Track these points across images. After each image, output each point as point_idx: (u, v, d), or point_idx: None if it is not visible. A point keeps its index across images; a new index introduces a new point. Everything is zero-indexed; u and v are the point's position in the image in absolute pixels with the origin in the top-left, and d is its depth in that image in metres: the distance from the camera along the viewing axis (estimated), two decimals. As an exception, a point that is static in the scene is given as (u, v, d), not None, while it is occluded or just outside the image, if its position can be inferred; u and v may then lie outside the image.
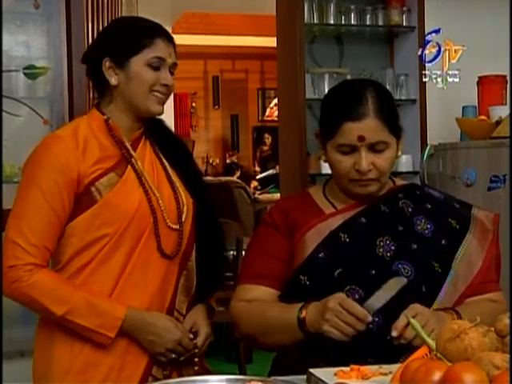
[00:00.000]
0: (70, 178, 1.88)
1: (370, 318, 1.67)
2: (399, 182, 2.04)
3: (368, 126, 1.80)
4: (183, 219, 1.97)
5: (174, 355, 1.92)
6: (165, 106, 2.01)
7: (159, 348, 1.90)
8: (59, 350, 1.91)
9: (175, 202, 1.97)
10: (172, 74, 1.97)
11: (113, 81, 1.93)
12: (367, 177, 1.84)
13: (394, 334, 1.65)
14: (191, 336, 1.95)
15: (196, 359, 1.96)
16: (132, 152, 1.96)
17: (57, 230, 1.88)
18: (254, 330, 1.87)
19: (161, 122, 2.08)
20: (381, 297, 1.72)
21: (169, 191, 1.98)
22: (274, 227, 1.94)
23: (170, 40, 1.97)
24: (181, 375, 1.94)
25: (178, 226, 1.96)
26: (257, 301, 1.89)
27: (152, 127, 2.03)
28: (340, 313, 1.67)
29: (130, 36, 1.94)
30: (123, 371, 1.91)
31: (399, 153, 1.92)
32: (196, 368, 1.96)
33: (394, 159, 1.89)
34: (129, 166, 1.94)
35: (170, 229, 1.95)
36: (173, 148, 2.06)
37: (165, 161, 2.03)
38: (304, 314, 1.75)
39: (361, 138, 1.80)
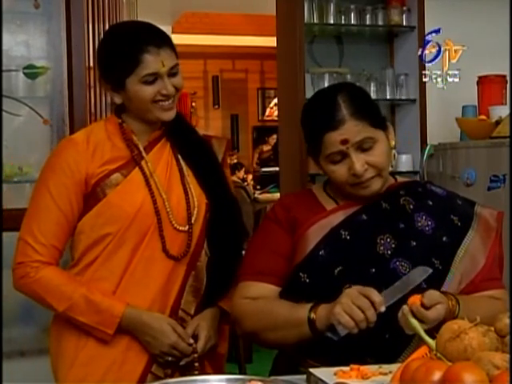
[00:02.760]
0: (78, 179, 1.95)
1: (383, 308, 1.66)
2: (401, 179, 2.03)
3: (348, 130, 1.80)
4: (193, 221, 1.98)
5: (170, 358, 1.94)
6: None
7: (154, 350, 1.94)
8: (66, 342, 1.98)
9: (185, 204, 1.98)
10: (175, 74, 1.95)
11: (116, 100, 1.99)
12: (365, 177, 1.84)
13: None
14: (191, 341, 1.95)
15: (196, 364, 1.96)
16: (144, 154, 1.99)
17: (65, 230, 1.96)
18: (259, 327, 1.86)
19: (182, 122, 2.09)
20: (399, 288, 1.71)
21: (179, 193, 1.99)
22: (277, 223, 1.94)
23: (160, 45, 1.92)
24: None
25: (186, 228, 1.97)
26: (261, 298, 1.88)
27: (173, 128, 2.04)
28: (356, 297, 1.67)
29: (118, 59, 1.93)
30: (124, 366, 1.94)
31: (392, 142, 1.91)
32: (196, 373, 1.95)
33: (388, 151, 1.87)
34: (136, 168, 1.97)
35: (176, 230, 1.97)
36: (192, 149, 2.07)
37: (182, 162, 2.04)
38: (314, 314, 1.75)
39: (344, 141, 1.80)
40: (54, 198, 1.94)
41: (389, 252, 1.85)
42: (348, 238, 1.87)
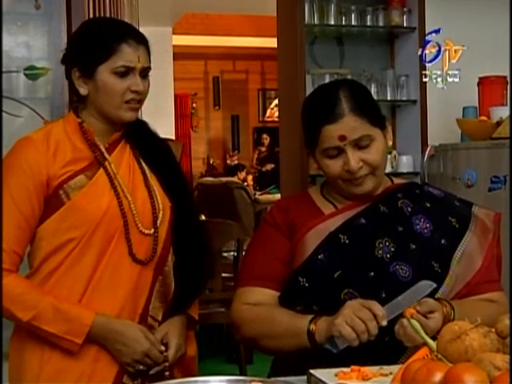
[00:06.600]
0: (39, 181, 1.84)
1: (385, 322, 1.65)
2: (398, 180, 2.02)
3: (346, 125, 1.80)
4: (158, 224, 1.92)
5: (141, 366, 1.86)
6: (165, 107, 2.00)
7: (126, 358, 1.86)
8: (30, 356, 1.88)
9: (150, 207, 1.92)
10: (145, 77, 1.90)
11: (82, 91, 1.89)
12: (359, 174, 1.83)
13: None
14: (163, 348, 1.89)
15: (167, 373, 1.88)
16: (106, 155, 1.91)
17: (27, 234, 1.86)
18: (259, 334, 1.84)
19: (143, 124, 2.02)
20: (401, 302, 1.68)
21: (144, 195, 1.93)
22: (275, 227, 1.93)
23: (140, 41, 1.88)
24: None
25: (151, 231, 1.90)
26: (261, 304, 1.87)
27: (133, 130, 1.97)
28: (358, 308, 1.66)
29: (95, 44, 1.87)
30: (93, 378, 1.86)
31: (390, 142, 1.91)
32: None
33: (384, 151, 1.86)
34: (101, 169, 1.89)
35: (142, 234, 1.89)
36: (153, 151, 2.00)
37: (144, 164, 1.97)
38: (314, 326, 1.73)
39: (342, 138, 1.80)
40: (15, 201, 1.82)
41: (388, 256, 1.85)
42: (347, 242, 1.86)
